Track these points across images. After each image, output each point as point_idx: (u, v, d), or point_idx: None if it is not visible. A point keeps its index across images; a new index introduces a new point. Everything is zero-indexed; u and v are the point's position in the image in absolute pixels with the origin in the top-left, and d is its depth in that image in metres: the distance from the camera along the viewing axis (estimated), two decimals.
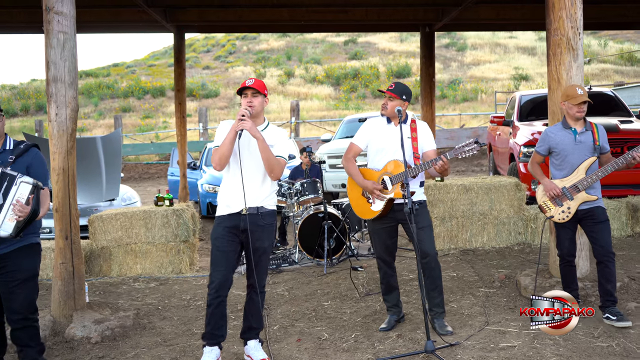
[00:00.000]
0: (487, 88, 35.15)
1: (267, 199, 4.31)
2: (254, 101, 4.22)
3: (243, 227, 4.21)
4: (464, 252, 7.42)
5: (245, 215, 4.19)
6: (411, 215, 4.31)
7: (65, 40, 5.15)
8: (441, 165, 4.56)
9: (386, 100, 4.77)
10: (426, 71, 10.84)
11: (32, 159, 4.00)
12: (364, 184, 4.77)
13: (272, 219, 4.34)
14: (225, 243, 4.23)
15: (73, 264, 5.27)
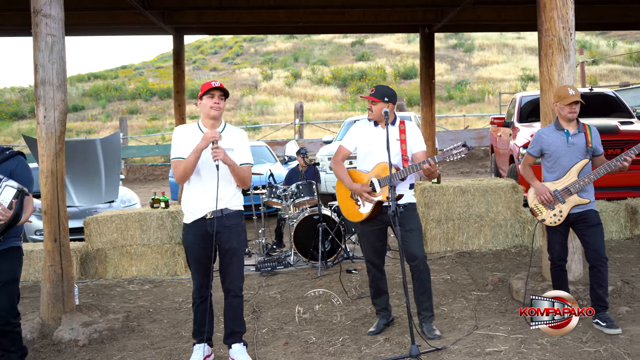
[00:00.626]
0: (494, 89, 34.98)
1: (231, 200, 4.32)
2: (221, 103, 4.26)
3: (211, 231, 4.25)
4: (460, 255, 7.36)
5: (211, 219, 4.24)
6: (395, 217, 4.27)
7: (53, 43, 5.14)
8: (427, 168, 4.52)
9: (370, 105, 4.75)
10: (426, 72, 10.78)
11: (16, 166, 4.00)
12: (352, 187, 4.73)
13: (239, 219, 4.36)
14: (195, 249, 4.32)
15: (62, 267, 5.27)
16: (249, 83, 41.31)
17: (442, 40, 46.15)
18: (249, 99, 37.57)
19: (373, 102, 4.72)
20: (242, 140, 4.38)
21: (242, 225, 4.38)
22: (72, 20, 10.06)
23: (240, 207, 4.41)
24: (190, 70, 46.11)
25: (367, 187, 4.68)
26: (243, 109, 36.19)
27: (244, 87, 40.22)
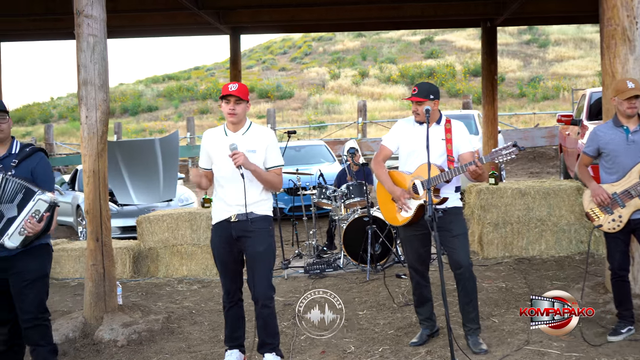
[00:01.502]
0: (569, 86, 33.52)
1: (256, 204, 4.16)
2: (237, 109, 4.10)
3: (235, 235, 4.13)
4: (519, 261, 6.94)
5: (235, 222, 4.12)
6: (433, 222, 3.99)
7: (95, 44, 5.16)
8: (474, 169, 4.22)
9: (415, 107, 4.45)
10: (488, 68, 10.33)
11: (37, 164, 3.98)
12: (392, 190, 4.48)
13: (265, 223, 4.18)
14: (221, 252, 4.22)
15: (104, 266, 5.28)
16: (316, 82, 41.40)
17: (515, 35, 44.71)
18: (315, 98, 37.63)
19: (418, 102, 4.44)
20: (266, 141, 4.19)
21: (268, 231, 4.20)
22: (131, 22, 10.28)
23: (268, 212, 4.23)
24: (259, 70, 46.76)
25: (407, 194, 4.42)
26: (310, 108, 36.28)
27: (312, 86, 40.33)
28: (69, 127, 38.99)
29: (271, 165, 4.17)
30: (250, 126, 4.24)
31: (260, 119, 32.24)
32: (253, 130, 4.21)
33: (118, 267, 7.59)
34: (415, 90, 4.45)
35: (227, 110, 4.08)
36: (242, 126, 4.19)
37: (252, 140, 4.15)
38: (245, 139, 4.13)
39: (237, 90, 4.06)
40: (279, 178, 4.18)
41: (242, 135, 4.15)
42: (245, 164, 4.00)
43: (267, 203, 4.24)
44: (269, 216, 4.23)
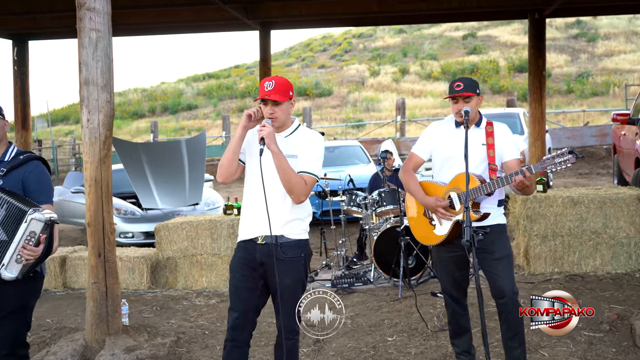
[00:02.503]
0: (620, 81, 32.09)
1: (289, 225, 3.45)
2: (277, 111, 3.41)
3: (260, 260, 3.46)
4: (570, 278, 6.22)
5: (261, 244, 3.44)
6: (472, 247, 3.36)
7: (97, 39, 4.69)
8: (521, 180, 3.58)
9: (461, 103, 3.81)
10: (535, 63, 9.54)
11: (30, 172, 3.48)
12: (425, 201, 3.87)
13: (298, 251, 3.47)
14: (239, 277, 3.50)
15: (107, 284, 4.82)
16: (355, 79, 40.83)
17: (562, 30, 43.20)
18: (355, 96, 37.05)
19: (466, 98, 3.81)
20: (310, 146, 3.47)
21: (301, 259, 3.49)
22: (156, 18, 9.88)
23: (304, 234, 3.51)
24: (298, 68, 46.38)
25: (444, 201, 3.80)
26: (349, 105, 35.72)
27: (351, 83, 39.77)
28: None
29: (301, 169, 3.41)
30: (297, 129, 3.53)
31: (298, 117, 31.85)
32: (299, 134, 3.52)
33: (135, 277, 7.20)
34: (460, 85, 3.80)
35: (266, 114, 3.41)
36: (287, 128, 3.51)
37: (295, 145, 3.47)
38: (288, 143, 3.46)
39: (273, 90, 3.37)
40: (303, 185, 3.37)
41: (284, 137, 3.48)
42: (270, 139, 3.30)
43: (302, 224, 3.51)
44: (303, 241, 3.51)
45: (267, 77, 3.52)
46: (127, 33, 11.19)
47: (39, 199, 3.46)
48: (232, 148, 3.42)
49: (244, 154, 3.51)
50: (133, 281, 7.21)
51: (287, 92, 3.44)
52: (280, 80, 3.43)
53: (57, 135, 36.53)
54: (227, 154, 3.42)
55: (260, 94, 3.43)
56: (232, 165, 3.43)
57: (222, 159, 3.45)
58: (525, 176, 3.55)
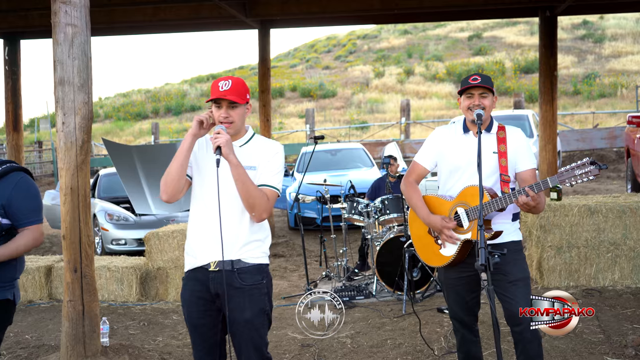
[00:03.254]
0: (628, 82, 31.64)
1: (247, 247, 2.98)
2: (232, 115, 2.97)
3: (214, 291, 2.97)
4: (587, 293, 5.80)
5: (215, 272, 2.95)
6: (487, 271, 2.94)
7: (74, 35, 4.30)
8: (525, 202, 3.16)
9: (477, 99, 3.36)
10: (546, 63, 9.10)
11: (15, 189, 3.06)
12: (429, 220, 3.44)
13: (258, 277, 2.99)
14: (195, 315, 3.04)
15: (83, 302, 4.42)
16: (360, 81, 40.49)
17: (568, 31, 42.70)
18: (359, 97, 36.70)
19: (483, 93, 3.38)
20: (270, 157, 3.03)
21: (263, 287, 3.01)
22: (156, 16, 9.49)
23: (264, 258, 3.05)
24: (302, 69, 46.04)
25: (451, 222, 3.38)
26: (353, 107, 35.35)
27: (355, 85, 39.41)
28: (112, 127, 39.20)
29: (262, 182, 2.98)
30: (252, 138, 3.11)
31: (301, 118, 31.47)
32: (255, 143, 3.09)
33: (124, 289, 6.83)
34: (477, 78, 3.34)
35: (220, 118, 2.96)
36: (241, 136, 3.08)
37: (253, 155, 3.03)
38: (244, 153, 3.01)
39: (230, 90, 2.93)
40: (265, 200, 2.91)
41: (239, 147, 3.03)
42: (228, 148, 2.83)
43: (262, 246, 3.05)
44: (264, 265, 3.05)
45: (224, 77, 3.02)
46: (121, 32, 10.82)
47: (29, 220, 3.10)
48: (179, 160, 2.92)
49: (191, 167, 3.04)
50: (122, 293, 6.84)
51: (245, 95, 3.00)
52: (237, 80, 2.99)
53: None
54: (174, 167, 2.93)
55: (212, 94, 2.97)
56: (180, 181, 2.95)
57: (166, 174, 2.96)
58: (531, 196, 3.13)
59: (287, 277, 7.75)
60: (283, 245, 9.77)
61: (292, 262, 8.61)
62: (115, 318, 6.19)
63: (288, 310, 6.14)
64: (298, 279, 7.59)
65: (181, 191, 2.99)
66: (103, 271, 6.86)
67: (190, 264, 3.07)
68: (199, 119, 2.96)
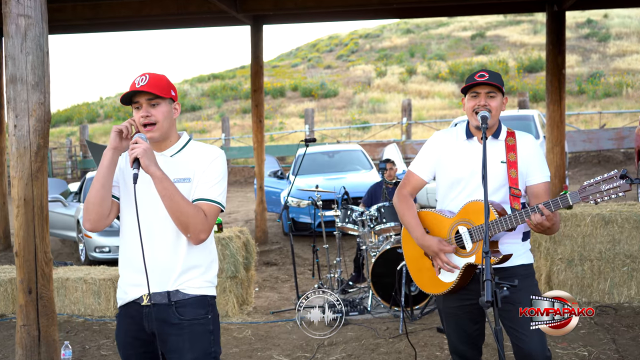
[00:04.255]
0: (634, 82, 31.16)
1: (186, 276, 2.51)
2: (154, 113, 2.49)
3: (149, 329, 2.51)
4: (602, 311, 5.31)
5: (148, 307, 2.48)
6: (494, 308, 2.45)
7: (27, 27, 3.83)
8: (539, 222, 2.69)
9: (483, 98, 2.88)
10: (554, 61, 8.61)
11: None
12: (423, 241, 2.95)
13: (201, 311, 2.52)
14: (132, 357, 2.58)
15: (39, 327, 3.95)
16: (362, 80, 40.08)
17: (572, 30, 42.16)
18: (360, 97, 36.26)
19: (490, 92, 2.89)
20: (207, 165, 2.52)
21: (207, 322, 2.53)
22: (141, 11, 9.04)
23: (209, 288, 2.57)
24: (304, 69, 45.59)
25: (448, 246, 2.89)
26: (355, 107, 34.91)
27: (357, 84, 38.97)
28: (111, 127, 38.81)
29: (198, 196, 2.49)
30: (186, 145, 2.60)
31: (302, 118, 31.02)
32: (190, 151, 2.58)
33: (101, 302, 6.37)
34: (485, 75, 2.87)
35: (140, 120, 2.49)
36: (172, 144, 2.57)
37: (187, 165, 2.53)
38: (176, 163, 2.53)
39: (147, 85, 2.45)
40: (202, 218, 2.42)
41: (170, 157, 2.55)
42: (148, 158, 2.36)
43: (206, 273, 2.56)
44: (209, 297, 2.56)
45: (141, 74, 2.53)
46: (107, 28, 10.38)
47: None
48: (99, 181, 2.45)
49: (118, 186, 2.57)
50: (99, 307, 6.37)
51: (167, 89, 2.52)
52: (157, 75, 2.52)
53: (59, 137, 35.97)
54: (94, 189, 2.46)
55: (130, 89, 2.49)
56: (103, 204, 2.46)
57: (87, 197, 2.49)
58: (546, 215, 2.65)
59: (277, 289, 7.28)
60: (276, 252, 9.30)
61: (285, 272, 8.14)
62: (89, 336, 5.73)
63: (276, 327, 5.67)
64: (289, 291, 7.12)
65: (107, 216, 2.50)
66: (79, 283, 6.41)
67: (122, 299, 2.59)
68: (118, 129, 2.48)
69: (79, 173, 24.15)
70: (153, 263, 2.43)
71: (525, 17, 46.36)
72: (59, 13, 9.03)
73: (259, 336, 5.41)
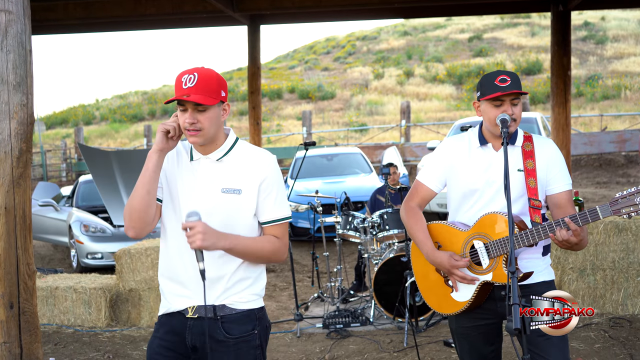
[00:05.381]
0: (632, 84, 31.06)
1: (234, 289, 2.33)
2: (201, 120, 2.24)
3: (191, 343, 2.33)
4: (615, 323, 5.07)
5: (194, 320, 2.32)
6: (522, 337, 2.21)
7: (8, 23, 3.57)
8: (564, 237, 2.45)
9: (508, 106, 2.59)
10: (559, 62, 8.39)
11: None
12: (434, 257, 2.70)
13: (248, 326, 2.34)
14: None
15: (21, 344, 3.69)
16: (359, 82, 39.92)
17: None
18: (358, 99, 36.06)
19: (515, 100, 2.61)
20: (263, 178, 2.31)
21: (255, 338, 2.36)
22: (136, 11, 8.81)
23: (257, 301, 2.39)
24: (301, 71, 45.40)
25: (462, 260, 2.64)
26: (352, 109, 34.72)
27: (354, 86, 38.80)
28: (107, 129, 38.56)
29: (269, 218, 2.34)
30: (234, 146, 2.36)
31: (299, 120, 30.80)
32: (239, 155, 2.35)
33: (92, 312, 6.12)
34: (507, 79, 2.58)
35: (184, 124, 2.25)
36: (218, 146, 2.34)
37: (236, 172, 2.32)
38: (223, 169, 2.33)
39: (196, 87, 2.20)
40: (276, 246, 2.32)
41: (216, 161, 2.34)
42: (207, 244, 2.15)
43: (254, 286, 2.38)
44: (256, 311, 2.38)
45: (189, 68, 2.27)
46: (99, 28, 10.13)
47: None
48: (145, 186, 2.25)
49: (161, 188, 2.36)
50: (89, 317, 6.12)
51: (216, 92, 2.26)
52: (206, 73, 2.25)
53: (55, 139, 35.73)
54: (139, 196, 2.26)
55: (176, 93, 2.24)
56: (148, 211, 2.27)
57: (130, 205, 2.28)
58: (573, 230, 2.41)
59: (275, 297, 7.03)
60: None
61: (283, 279, 7.89)
62: (79, 348, 5.48)
63: (274, 339, 5.42)
64: (288, 299, 6.87)
65: (152, 222, 2.31)
66: (69, 292, 6.16)
67: (165, 308, 2.40)
68: (165, 129, 2.26)
69: (73, 176, 23.86)
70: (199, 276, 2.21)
71: (523, 19, 46.29)
72: (50, 12, 8.79)
73: None
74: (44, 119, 42.27)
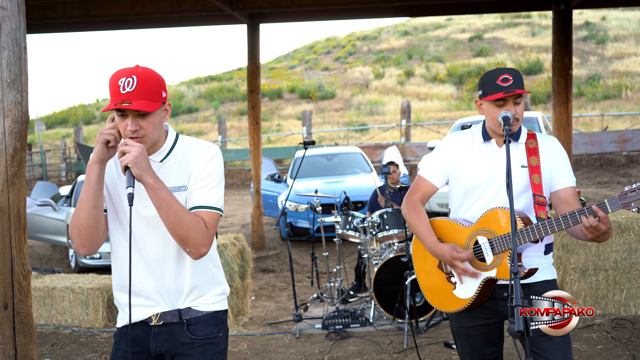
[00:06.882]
0: (633, 84, 31.02)
1: (198, 290, 2.27)
2: (144, 126, 2.11)
3: (156, 350, 2.27)
4: (618, 324, 5.01)
5: (158, 327, 2.26)
6: (525, 340, 2.16)
7: (2, 20, 3.51)
8: (593, 225, 2.36)
9: (511, 106, 2.56)
10: (560, 61, 8.32)
11: None
12: (436, 249, 2.66)
13: (214, 329, 2.29)
14: None
15: (15, 345, 3.63)
16: (359, 82, 39.89)
17: None
18: (358, 99, 36.03)
19: (518, 99, 2.57)
20: (201, 167, 2.21)
21: (219, 341, 2.30)
22: (134, 9, 8.75)
23: (221, 302, 2.33)
24: (301, 70, 45.36)
25: (464, 252, 2.60)
26: (352, 109, 34.68)
27: (355, 86, 38.77)
28: None
29: (197, 204, 2.18)
30: (175, 144, 2.25)
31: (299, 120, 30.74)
32: (181, 151, 2.24)
33: (89, 313, 6.06)
34: (509, 78, 2.54)
35: (124, 130, 2.11)
36: (160, 146, 2.23)
37: (180, 169, 2.22)
38: (167, 170, 2.22)
39: (135, 92, 2.06)
40: (201, 229, 2.12)
41: (159, 163, 2.22)
42: (141, 167, 2.03)
43: (217, 286, 2.33)
44: (220, 313, 2.33)
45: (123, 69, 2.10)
46: (97, 27, 10.07)
47: None
48: (90, 200, 2.11)
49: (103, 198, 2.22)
50: (87, 317, 6.06)
51: (159, 93, 2.13)
52: (145, 73, 2.10)
53: (55, 139, 35.68)
54: (85, 210, 2.12)
55: (112, 99, 2.09)
56: (98, 226, 2.14)
57: (76, 221, 2.14)
58: (600, 217, 2.34)
59: (274, 298, 6.98)
60: (273, 258, 9.00)
61: (282, 279, 7.84)
62: (76, 349, 5.42)
63: (273, 340, 5.37)
64: (287, 300, 6.82)
65: (102, 236, 2.20)
66: (66, 293, 6.11)
67: (123, 319, 2.31)
68: (105, 139, 2.12)
69: (73, 175, 23.83)
70: (157, 285, 2.18)
71: (523, 19, 46.27)
72: (49, 10, 8.73)
73: (255, 350, 5.11)
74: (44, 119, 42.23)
